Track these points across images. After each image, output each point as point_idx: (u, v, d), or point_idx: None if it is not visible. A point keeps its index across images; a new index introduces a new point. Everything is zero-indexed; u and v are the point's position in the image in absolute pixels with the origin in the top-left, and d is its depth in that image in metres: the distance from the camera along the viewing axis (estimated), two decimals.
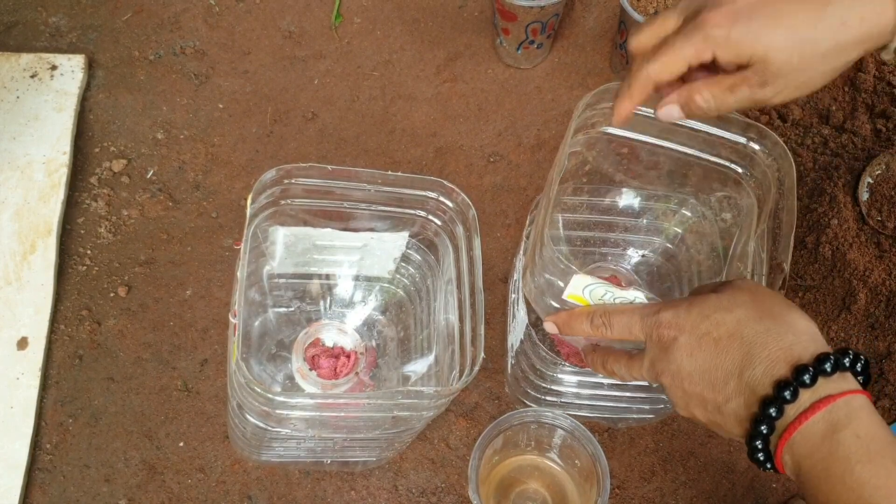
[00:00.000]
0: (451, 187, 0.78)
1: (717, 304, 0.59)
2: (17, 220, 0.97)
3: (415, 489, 0.90)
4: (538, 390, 0.87)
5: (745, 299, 0.59)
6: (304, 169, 0.75)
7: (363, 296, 0.89)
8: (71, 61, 1.07)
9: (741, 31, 0.56)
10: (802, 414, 0.54)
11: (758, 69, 0.57)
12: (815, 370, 0.54)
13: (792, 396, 0.54)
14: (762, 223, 0.74)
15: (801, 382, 0.54)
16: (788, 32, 0.56)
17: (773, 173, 0.74)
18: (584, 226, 0.88)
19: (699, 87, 0.60)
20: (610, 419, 0.93)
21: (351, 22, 1.16)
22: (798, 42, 0.56)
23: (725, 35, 0.57)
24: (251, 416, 0.72)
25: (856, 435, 0.52)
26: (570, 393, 0.87)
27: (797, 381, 0.54)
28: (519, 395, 0.91)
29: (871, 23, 0.57)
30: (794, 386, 0.54)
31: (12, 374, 0.90)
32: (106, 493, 0.88)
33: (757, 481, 0.92)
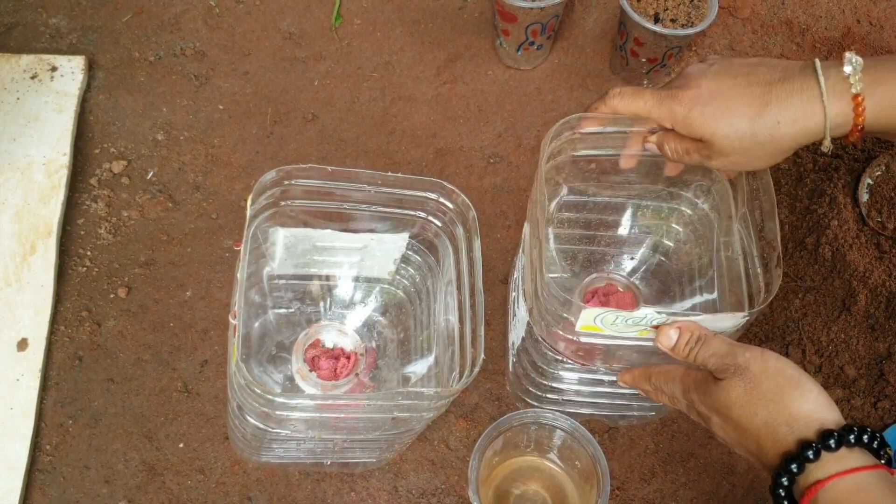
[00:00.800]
0: (451, 188, 0.78)
1: (720, 397, 0.65)
2: (17, 221, 0.97)
3: (415, 490, 0.90)
4: (539, 388, 0.87)
5: (739, 393, 0.63)
6: (305, 170, 0.75)
7: (363, 297, 0.89)
8: (71, 62, 1.07)
9: (697, 114, 0.68)
10: (803, 497, 0.60)
11: (707, 145, 0.69)
12: (802, 460, 0.59)
13: (791, 479, 0.60)
14: (741, 206, 0.77)
15: (789, 473, 0.60)
16: (732, 124, 0.67)
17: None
18: (574, 240, 0.90)
19: (670, 137, 0.72)
20: (611, 417, 0.93)
21: (351, 23, 1.16)
22: (739, 133, 0.67)
23: (685, 115, 0.69)
24: (251, 418, 0.72)
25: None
26: (571, 391, 0.87)
27: (786, 472, 0.60)
28: (520, 394, 0.91)
29: (802, 124, 0.66)
30: (786, 475, 0.60)
31: (12, 376, 0.90)
32: (106, 495, 0.88)
33: (757, 482, 0.92)
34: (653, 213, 0.88)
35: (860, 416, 0.93)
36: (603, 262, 0.90)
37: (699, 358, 0.67)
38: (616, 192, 0.86)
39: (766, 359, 0.64)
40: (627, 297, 0.88)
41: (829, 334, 0.96)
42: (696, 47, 1.17)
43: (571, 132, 0.76)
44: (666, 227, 0.88)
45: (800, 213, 1.01)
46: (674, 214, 0.87)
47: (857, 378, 0.95)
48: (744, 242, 0.77)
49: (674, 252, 0.88)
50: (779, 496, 0.61)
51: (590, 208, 0.88)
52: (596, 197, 0.86)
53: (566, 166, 0.81)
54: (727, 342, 0.66)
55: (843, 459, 0.59)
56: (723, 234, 0.81)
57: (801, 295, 0.97)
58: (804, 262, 0.98)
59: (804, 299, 0.97)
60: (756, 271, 0.74)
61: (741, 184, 0.77)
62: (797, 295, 0.97)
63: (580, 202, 0.87)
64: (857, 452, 0.60)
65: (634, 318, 0.68)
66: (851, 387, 0.94)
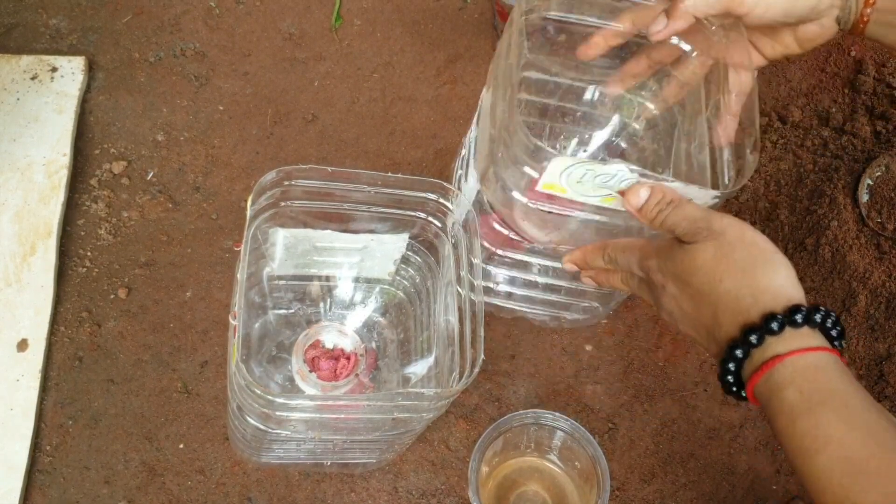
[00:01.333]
0: (451, 189, 0.78)
1: (683, 261, 0.63)
2: (17, 221, 0.97)
3: (415, 491, 0.90)
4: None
5: (707, 258, 0.61)
6: (304, 170, 0.75)
7: (363, 297, 0.89)
8: (71, 63, 1.07)
9: None
10: (753, 374, 0.59)
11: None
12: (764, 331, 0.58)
13: (746, 352, 0.59)
14: (714, 95, 0.73)
15: (747, 345, 0.58)
16: None
17: (721, 39, 0.73)
18: (532, 126, 0.84)
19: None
20: (543, 316, 0.89)
21: (351, 24, 1.16)
22: None
23: None
24: (251, 418, 0.72)
25: (798, 391, 0.56)
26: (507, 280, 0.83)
27: (744, 343, 0.58)
28: None
29: None
30: (742, 347, 0.59)
31: (12, 376, 0.90)
32: (106, 495, 0.88)
33: (757, 483, 0.92)
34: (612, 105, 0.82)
35: None
36: (561, 150, 0.85)
37: (669, 220, 0.64)
38: (580, 75, 0.80)
39: (743, 228, 0.62)
40: None
41: None
42: None
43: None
44: (639, 111, 0.83)
45: (800, 214, 1.01)
46: (635, 105, 0.82)
47: (856, 378, 0.95)
48: (711, 134, 0.72)
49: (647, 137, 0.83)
50: (727, 371, 0.60)
51: (550, 90, 0.82)
52: (558, 77, 0.81)
53: (535, 32, 0.75)
54: (702, 208, 0.64)
55: (805, 338, 0.58)
56: (686, 125, 0.76)
57: None
58: (804, 263, 0.98)
59: None
60: (723, 160, 0.70)
61: (717, 70, 0.73)
62: None
63: (541, 81, 0.81)
64: (817, 334, 0.59)
65: (605, 175, 0.63)
66: None
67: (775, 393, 0.57)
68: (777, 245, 0.62)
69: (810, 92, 1.12)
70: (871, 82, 1.10)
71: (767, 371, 0.57)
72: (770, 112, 1.10)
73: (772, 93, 1.12)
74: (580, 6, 0.73)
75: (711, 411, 0.96)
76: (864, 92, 1.09)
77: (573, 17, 0.74)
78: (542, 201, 0.68)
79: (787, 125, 1.08)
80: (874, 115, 1.08)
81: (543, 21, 0.74)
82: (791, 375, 0.57)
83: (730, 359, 0.59)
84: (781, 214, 1.02)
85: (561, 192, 0.66)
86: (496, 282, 0.85)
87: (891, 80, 1.10)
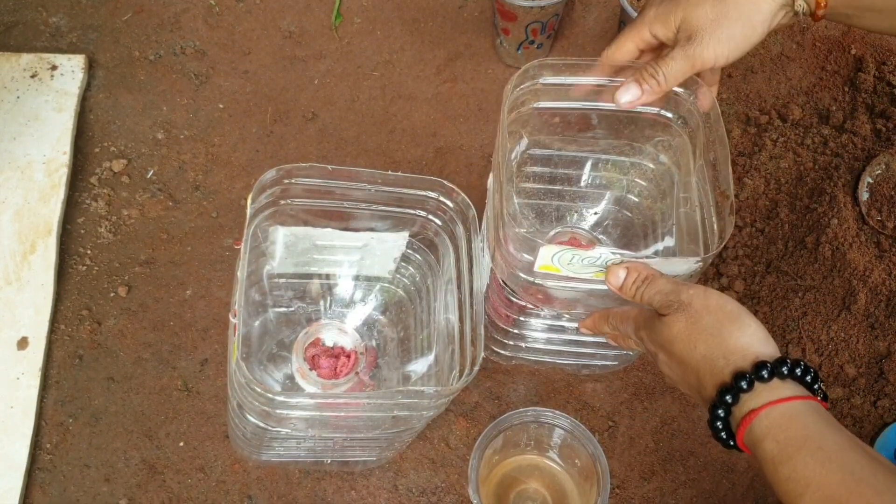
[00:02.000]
0: (451, 187, 0.78)
1: (662, 332, 0.67)
2: (18, 220, 0.97)
3: (415, 489, 0.90)
4: (505, 335, 0.88)
5: (681, 328, 0.65)
6: (305, 169, 0.75)
7: (363, 296, 0.89)
8: (71, 61, 1.07)
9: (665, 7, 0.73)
10: (738, 428, 0.62)
11: (683, 28, 0.72)
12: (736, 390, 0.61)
13: (727, 410, 0.62)
14: (698, 159, 0.78)
15: (724, 405, 0.62)
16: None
17: (697, 110, 0.78)
18: (536, 195, 0.90)
19: (645, 65, 0.73)
20: (574, 365, 0.93)
21: (351, 22, 1.16)
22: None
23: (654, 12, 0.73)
24: (251, 416, 0.72)
25: (775, 441, 0.59)
26: (534, 338, 0.88)
27: (721, 403, 0.62)
28: (487, 342, 0.90)
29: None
30: (722, 407, 0.62)
31: (12, 374, 0.90)
32: (106, 493, 0.88)
33: (757, 481, 0.92)
34: (614, 167, 0.88)
35: (860, 414, 0.93)
36: (566, 217, 0.91)
37: (645, 296, 0.68)
38: (580, 147, 0.86)
39: (707, 295, 0.65)
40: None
41: (829, 333, 0.96)
42: None
43: (533, 82, 0.77)
44: (628, 181, 0.89)
45: (800, 212, 1.01)
46: (635, 169, 0.87)
47: (856, 377, 0.95)
48: (700, 194, 0.78)
49: (636, 206, 0.89)
50: (717, 429, 0.63)
51: (554, 163, 0.88)
52: (560, 151, 0.87)
53: (531, 119, 0.81)
54: (672, 281, 0.68)
55: (777, 390, 0.61)
56: (682, 190, 0.82)
57: (800, 294, 0.97)
58: (804, 261, 0.98)
59: (804, 298, 0.97)
60: (711, 220, 0.75)
61: (699, 136, 0.78)
62: (797, 294, 0.98)
63: (544, 156, 0.87)
64: (790, 384, 0.61)
65: (590, 258, 0.70)
66: (851, 385, 0.94)
67: (757, 444, 0.60)
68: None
69: (810, 90, 1.12)
70: (871, 80, 1.10)
71: (748, 425, 0.61)
72: (770, 110, 1.10)
73: (772, 91, 1.12)
74: (566, 94, 0.79)
75: None
76: (865, 90, 1.09)
77: (562, 105, 0.80)
78: (541, 279, 0.73)
79: (788, 123, 1.08)
80: (874, 114, 1.08)
81: (536, 110, 0.80)
82: (767, 427, 0.60)
83: (715, 418, 0.63)
84: (781, 213, 1.02)
85: (556, 272, 0.72)
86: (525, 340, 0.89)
87: (891, 78, 1.10)
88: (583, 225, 0.91)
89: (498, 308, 0.84)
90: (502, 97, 0.75)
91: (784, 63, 1.15)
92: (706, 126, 0.77)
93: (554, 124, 0.83)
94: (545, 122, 0.82)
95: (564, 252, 0.69)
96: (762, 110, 1.10)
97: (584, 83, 0.78)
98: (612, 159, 0.87)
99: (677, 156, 0.83)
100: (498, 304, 0.84)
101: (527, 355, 0.91)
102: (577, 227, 0.90)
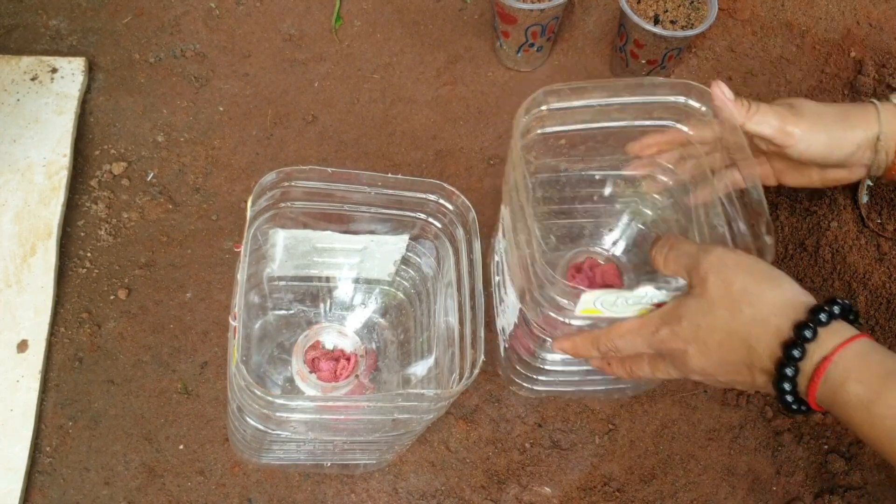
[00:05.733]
0: (451, 190, 0.78)
1: (697, 309, 0.63)
2: (18, 222, 0.97)
3: (415, 492, 0.90)
4: (533, 370, 0.87)
5: (719, 295, 0.62)
6: (305, 171, 0.75)
7: (363, 298, 0.89)
8: (71, 64, 1.07)
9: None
10: (809, 384, 0.59)
11: (793, 106, 0.76)
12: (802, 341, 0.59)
13: (794, 367, 0.59)
14: (720, 174, 0.77)
15: (791, 361, 0.59)
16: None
17: (717, 126, 0.77)
18: (551, 216, 0.89)
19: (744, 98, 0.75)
20: (606, 391, 0.92)
21: (351, 25, 1.16)
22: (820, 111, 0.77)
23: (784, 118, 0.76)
24: (251, 419, 0.72)
25: (859, 382, 0.57)
26: (565, 371, 0.86)
27: (789, 360, 0.59)
28: (513, 376, 0.90)
29: (864, 127, 0.76)
30: (790, 364, 0.60)
31: (12, 377, 0.90)
32: (106, 496, 0.88)
33: (757, 484, 0.92)
34: (626, 183, 0.87)
35: None
36: (581, 236, 0.90)
37: (672, 258, 0.67)
38: (588, 165, 0.85)
39: (736, 256, 0.64)
40: (610, 269, 0.87)
41: None
42: (695, 49, 1.17)
43: (539, 108, 0.76)
44: (641, 196, 0.87)
45: (800, 215, 1.01)
46: (647, 182, 0.86)
47: None
48: (727, 210, 0.76)
49: (652, 220, 0.88)
50: (784, 391, 0.60)
51: (563, 183, 0.87)
52: (568, 172, 0.85)
53: (536, 144, 0.80)
54: (693, 243, 0.67)
55: (838, 332, 0.59)
56: (703, 204, 0.80)
57: None
58: (804, 264, 0.98)
59: None
60: (744, 237, 0.72)
61: (717, 148, 0.77)
62: None
63: (553, 178, 0.86)
64: (843, 325, 0.60)
65: (636, 297, 0.67)
66: None
67: (838, 393, 0.58)
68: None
69: (810, 93, 1.12)
70: (871, 83, 1.10)
71: (822, 375, 0.58)
72: None
73: (772, 93, 1.12)
74: (572, 117, 0.78)
75: (711, 412, 0.96)
76: (864, 93, 1.09)
77: (568, 128, 0.79)
78: (582, 320, 0.72)
79: None
80: None
81: (541, 136, 0.79)
82: (844, 370, 0.58)
83: (782, 379, 0.60)
84: (781, 215, 1.02)
85: (598, 314, 0.70)
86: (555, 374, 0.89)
87: (891, 80, 1.10)
88: (599, 243, 0.90)
89: (528, 345, 0.83)
90: (512, 127, 0.75)
91: (784, 66, 1.15)
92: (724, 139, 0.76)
93: (560, 146, 0.82)
94: (551, 145, 0.81)
95: (608, 295, 0.67)
96: None
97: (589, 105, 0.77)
98: (622, 175, 0.86)
99: (692, 167, 0.82)
100: (527, 341, 0.82)
101: (556, 387, 0.90)
102: (593, 247, 0.89)
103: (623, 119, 0.79)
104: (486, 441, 0.93)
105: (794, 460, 0.93)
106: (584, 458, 0.93)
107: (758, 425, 0.95)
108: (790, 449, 0.93)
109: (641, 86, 0.77)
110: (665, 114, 0.79)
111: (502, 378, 0.94)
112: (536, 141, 0.80)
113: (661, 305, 0.68)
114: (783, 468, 0.93)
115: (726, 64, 1.16)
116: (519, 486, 0.91)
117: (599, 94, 0.76)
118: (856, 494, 0.91)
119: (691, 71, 1.15)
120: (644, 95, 0.77)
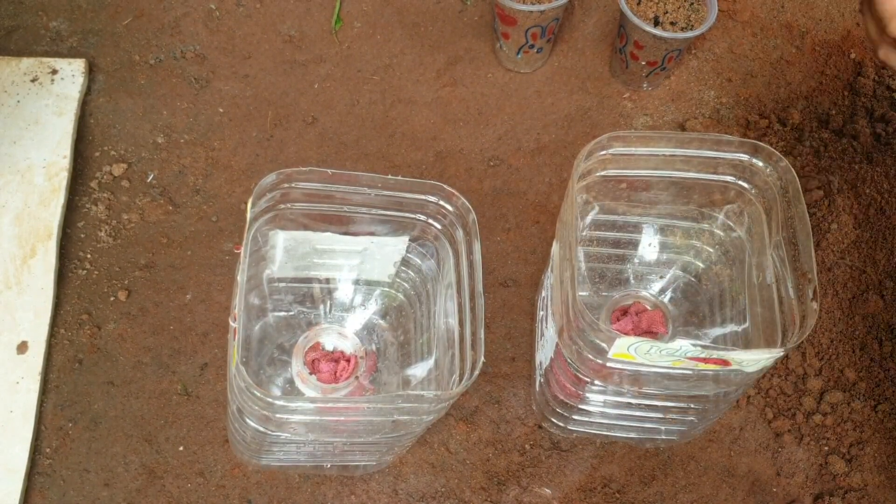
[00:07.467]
0: (450, 191, 0.78)
1: None
2: (18, 223, 0.97)
3: (415, 493, 0.90)
4: (567, 409, 0.87)
5: None
6: (304, 173, 0.75)
7: (363, 300, 0.89)
8: (71, 66, 1.08)
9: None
10: None
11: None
12: None
13: None
14: (775, 234, 0.77)
15: None
16: None
17: (776, 182, 0.77)
18: (603, 258, 0.91)
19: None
20: (638, 439, 0.92)
21: (351, 26, 1.16)
22: None
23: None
24: (251, 420, 0.72)
25: None
26: (599, 412, 0.87)
27: None
28: (547, 414, 0.91)
29: None
30: None
31: (12, 379, 0.90)
32: (105, 498, 0.88)
33: (757, 485, 0.92)
34: (682, 234, 0.88)
35: (860, 419, 0.93)
36: (631, 281, 0.91)
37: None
38: (646, 211, 0.87)
39: None
40: (657, 316, 0.88)
41: (830, 336, 0.96)
42: (695, 50, 1.17)
43: (603, 152, 0.77)
44: (696, 248, 0.88)
45: None
46: (704, 235, 0.87)
47: (857, 381, 0.95)
48: (777, 269, 0.77)
49: (704, 273, 0.89)
50: None
51: (619, 227, 0.88)
52: (626, 216, 0.87)
53: (596, 185, 0.82)
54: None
55: None
56: (755, 257, 0.81)
57: None
58: None
59: None
60: (790, 301, 0.74)
61: (776, 210, 0.78)
62: None
63: (610, 221, 0.88)
64: None
65: (669, 350, 0.69)
66: (852, 389, 0.94)
67: None
68: None
69: (810, 94, 1.12)
70: (870, 85, 1.10)
71: None
72: (770, 114, 1.10)
73: (771, 95, 1.12)
74: (636, 163, 0.79)
75: None
76: (864, 94, 1.09)
77: (631, 172, 0.81)
78: (615, 363, 0.73)
79: (787, 127, 1.08)
80: (874, 118, 1.08)
81: (602, 178, 0.81)
82: None
83: None
84: None
85: (631, 360, 0.71)
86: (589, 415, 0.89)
87: (891, 82, 1.10)
88: (648, 289, 0.90)
89: (563, 383, 0.83)
90: (572, 168, 0.75)
91: (784, 67, 1.15)
92: (784, 200, 0.77)
93: (620, 189, 0.83)
94: (611, 188, 0.83)
95: (641, 343, 0.69)
96: (762, 114, 1.10)
97: (654, 154, 0.78)
98: (678, 224, 0.88)
99: (750, 224, 0.83)
100: (562, 378, 0.83)
101: (589, 429, 0.90)
102: (641, 292, 0.90)
103: (687, 171, 0.80)
104: (485, 442, 0.93)
105: (794, 462, 0.93)
106: (584, 460, 0.92)
107: (758, 426, 0.95)
108: (790, 450, 0.93)
109: (709, 140, 0.78)
110: (729, 170, 0.80)
111: (535, 414, 0.94)
112: (597, 182, 0.81)
113: (695, 360, 0.69)
114: (783, 469, 0.93)
115: (726, 65, 1.16)
116: (519, 488, 0.91)
117: (666, 143, 0.78)
118: (856, 496, 0.91)
119: (691, 72, 1.15)
120: (710, 150, 0.79)
